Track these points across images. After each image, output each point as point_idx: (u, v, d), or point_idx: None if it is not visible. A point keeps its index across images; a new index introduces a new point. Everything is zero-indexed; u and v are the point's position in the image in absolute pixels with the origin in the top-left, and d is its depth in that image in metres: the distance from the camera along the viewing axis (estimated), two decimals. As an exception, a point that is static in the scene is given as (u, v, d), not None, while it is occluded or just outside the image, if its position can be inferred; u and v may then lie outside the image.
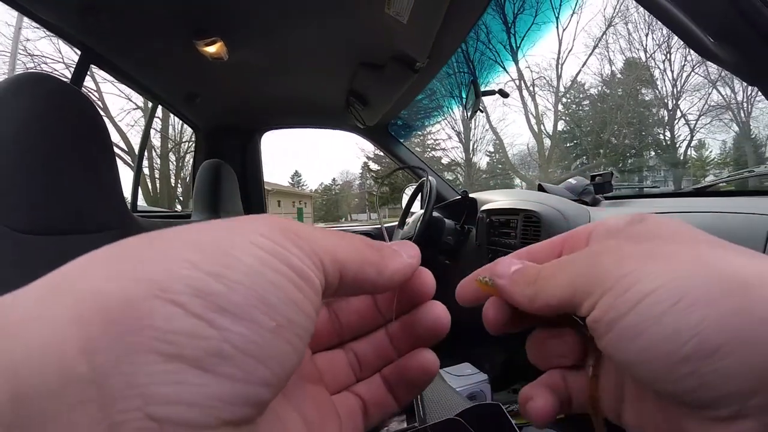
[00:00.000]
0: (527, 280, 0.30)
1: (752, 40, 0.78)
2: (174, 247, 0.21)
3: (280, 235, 0.23)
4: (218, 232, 0.22)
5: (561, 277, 0.28)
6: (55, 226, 0.88)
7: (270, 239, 0.22)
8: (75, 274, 0.20)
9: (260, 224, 0.23)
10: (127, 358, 0.17)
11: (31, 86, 0.86)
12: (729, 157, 18.28)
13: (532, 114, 20.68)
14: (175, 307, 0.18)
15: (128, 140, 13.87)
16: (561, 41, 19.37)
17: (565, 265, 0.28)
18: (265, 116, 2.98)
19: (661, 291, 0.22)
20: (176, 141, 17.05)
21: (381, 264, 0.28)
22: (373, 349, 0.33)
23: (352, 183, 28.75)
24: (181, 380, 0.18)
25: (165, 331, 0.18)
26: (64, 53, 11.38)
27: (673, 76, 18.08)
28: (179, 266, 0.20)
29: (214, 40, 1.75)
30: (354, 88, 2.35)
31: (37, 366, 0.16)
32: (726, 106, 17.26)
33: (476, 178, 22.08)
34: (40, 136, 0.85)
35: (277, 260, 0.22)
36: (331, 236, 0.26)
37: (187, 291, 0.19)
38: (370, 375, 0.33)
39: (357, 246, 0.27)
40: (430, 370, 0.32)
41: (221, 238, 0.22)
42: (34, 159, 0.84)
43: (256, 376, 0.20)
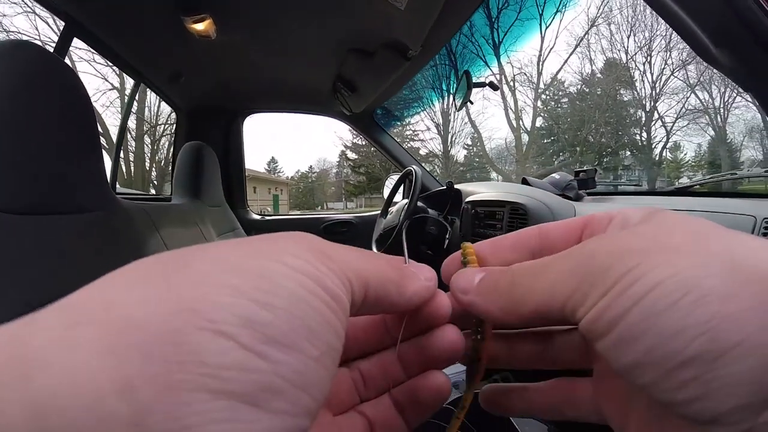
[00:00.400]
0: (501, 289, 0.27)
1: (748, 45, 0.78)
2: (211, 271, 0.19)
3: (312, 256, 0.22)
4: (251, 253, 0.21)
5: (547, 280, 0.25)
6: (36, 205, 0.85)
7: (304, 260, 0.22)
8: (102, 298, 0.18)
9: (292, 244, 0.23)
10: (173, 397, 0.16)
11: (13, 54, 0.82)
12: (703, 160, 18.65)
13: (512, 109, 20.81)
14: (225, 339, 0.17)
15: (103, 121, 13.64)
16: (543, 38, 19.49)
17: (552, 266, 0.26)
18: (250, 99, 2.94)
19: (667, 283, 0.20)
20: (152, 123, 16.84)
21: (401, 284, 0.27)
22: (380, 369, 0.32)
23: (329, 171, 28.66)
24: (232, 418, 0.17)
25: (215, 366, 0.17)
26: (41, 30, 11.13)
27: (652, 79, 18.34)
28: (223, 293, 0.18)
29: (203, 17, 1.71)
30: (342, 74, 2.32)
31: (67, 404, 0.15)
32: (703, 111, 17.60)
33: (453, 170, 22.17)
34: (21, 109, 0.81)
35: (314, 283, 0.21)
36: (357, 255, 0.26)
37: (235, 321, 0.18)
38: (374, 395, 0.32)
39: (380, 265, 0.27)
40: (444, 392, 0.31)
41: (257, 261, 0.21)
42: (13, 132, 0.80)
43: (301, 407, 0.19)
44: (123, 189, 4.08)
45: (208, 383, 0.16)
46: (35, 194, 0.85)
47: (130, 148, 16.09)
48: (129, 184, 15.91)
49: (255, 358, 0.17)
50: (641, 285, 0.21)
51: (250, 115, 3.11)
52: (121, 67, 2.17)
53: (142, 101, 15.29)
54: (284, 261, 0.21)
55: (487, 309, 0.27)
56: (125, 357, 0.15)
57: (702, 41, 0.84)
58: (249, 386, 0.17)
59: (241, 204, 3.06)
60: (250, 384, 0.17)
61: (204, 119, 2.85)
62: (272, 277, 0.20)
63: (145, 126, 16.62)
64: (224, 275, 0.19)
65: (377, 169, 23.05)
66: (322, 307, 0.21)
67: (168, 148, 16.26)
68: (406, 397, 0.31)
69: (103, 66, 13.62)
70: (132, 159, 16.32)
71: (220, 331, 0.17)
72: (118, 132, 2.92)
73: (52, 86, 0.88)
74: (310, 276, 0.21)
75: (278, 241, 0.23)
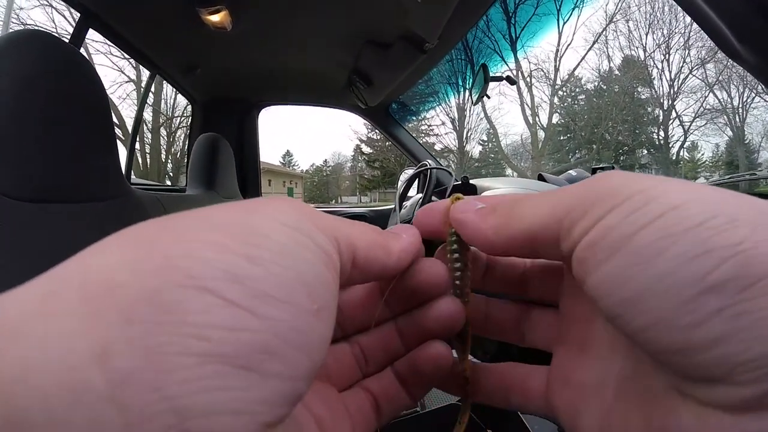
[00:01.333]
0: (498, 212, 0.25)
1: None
2: (195, 228, 0.18)
3: (302, 216, 0.21)
4: (239, 212, 0.20)
5: (547, 201, 0.23)
6: (50, 193, 0.85)
7: (294, 218, 0.21)
8: (83, 265, 0.16)
9: (280, 204, 0.21)
10: (153, 364, 0.14)
11: (29, 43, 0.82)
12: (721, 161, 18.54)
13: (528, 105, 20.75)
14: (210, 295, 0.16)
15: (119, 113, 13.78)
16: (561, 34, 19.39)
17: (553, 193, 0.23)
18: (265, 91, 2.93)
19: (692, 204, 0.18)
20: (168, 115, 16.97)
21: (387, 245, 0.26)
22: (380, 343, 0.31)
23: (344, 165, 28.81)
24: (222, 385, 0.15)
25: (200, 325, 0.15)
26: (58, 23, 11.26)
27: (670, 77, 18.29)
28: (207, 249, 0.17)
29: (218, 8, 1.70)
30: (358, 67, 2.31)
31: (38, 380, 0.13)
32: (721, 110, 17.48)
33: (468, 166, 22.15)
34: (36, 97, 0.81)
35: (306, 238, 0.20)
36: (342, 221, 0.25)
37: (221, 276, 0.16)
38: (376, 370, 0.31)
39: (365, 229, 0.26)
40: (444, 360, 0.29)
41: (245, 218, 0.19)
42: (29, 121, 0.80)
43: (299, 369, 0.18)
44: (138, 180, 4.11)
45: (193, 345, 0.15)
46: (49, 183, 0.85)
47: (146, 140, 16.26)
48: (145, 175, 16.11)
49: (246, 315, 0.16)
50: (660, 203, 0.18)
51: (265, 107, 3.11)
52: (136, 59, 2.18)
53: (158, 94, 15.47)
54: (273, 216, 0.20)
55: (479, 228, 0.26)
56: (102, 321, 0.14)
57: (725, 37, 0.82)
58: (240, 347, 0.16)
59: (255, 196, 3.01)
60: (241, 344, 0.16)
61: (219, 111, 2.85)
62: (261, 231, 0.19)
63: (161, 118, 16.78)
64: (209, 232, 0.18)
65: (392, 164, 23.13)
66: (316, 261, 0.20)
67: (183, 141, 16.44)
68: (407, 369, 0.30)
69: (120, 59, 13.78)
70: (148, 151, 16.49)
71: (204, 287, 0.16)
72: (133, 123, 2.93)
73: (67, 76, 0.88)
74: (302, 231, 0.20)
75: (270, 203, 0.21)
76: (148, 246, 0.17)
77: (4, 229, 0.74)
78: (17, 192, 0.78)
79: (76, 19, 1.71)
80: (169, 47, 2.13)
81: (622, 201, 0.19)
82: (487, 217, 0.26)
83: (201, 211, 0.20)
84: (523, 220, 0.24)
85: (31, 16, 11.54)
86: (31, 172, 0.81)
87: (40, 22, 11.49)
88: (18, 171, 0.78)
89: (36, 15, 11.65)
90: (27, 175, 0.80)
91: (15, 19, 10.75)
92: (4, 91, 0.77)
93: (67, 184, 0.89)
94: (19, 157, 0.78)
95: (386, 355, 0.31)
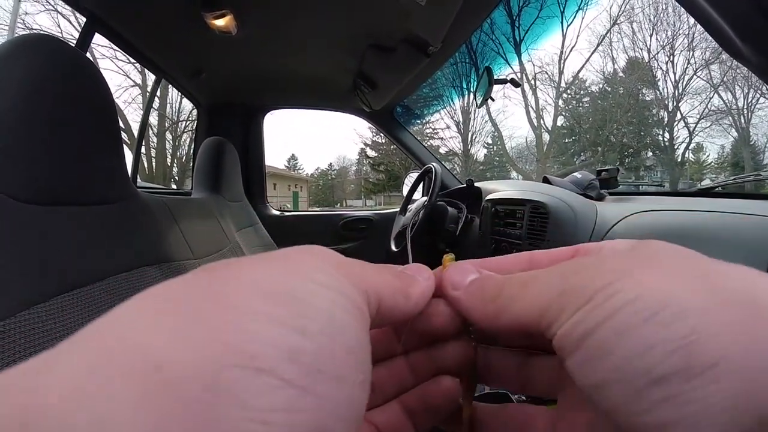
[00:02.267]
0: (487, 295, 0.26)
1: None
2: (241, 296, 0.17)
3: (337, 272, 0.21)
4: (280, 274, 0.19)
5: (530, 292, 0.24)
6: (56, 196, 0.85)
7: (330, 275, 0.20)
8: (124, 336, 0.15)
9: (316, 261, 0.21)
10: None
11: (35, 47, 0.83)
12: (726, 162, 18.47)
13: (532, 108, 20.73)
14: (269, 376, 0.15)
15: (125, 117, 13.82)
16: (565, 36, 19.37)
17: (535, 279, 0.25)
18: (270, 95, 2.94)
19: (645, 298, 0.19)
20: (173, 120, 17.03)
21: (407, 292, 0.26)
22: (389, 376, 0.31)
23: (349, 169, 28.84)
24: None
25: (261, 409, 0.15)
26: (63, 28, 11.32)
27: (675, 78, 18.25)
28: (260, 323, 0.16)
29: (223, 12, 1.71)
30: (362, 70, 2.31)
31: None
32: (726, 112, 17.42)
33: (473, 169, 22.13)
34: (43, 101, 0.81)
35: (345, 299, 0.20)
36: (368, 268, 0.25)
37: (277, 354, 0.16)
38: (382, 401, 0.31)
39: (388, 277, 0.26)
40: (454, 395, 0.30)
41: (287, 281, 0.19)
42: (36, 124, 0.81)
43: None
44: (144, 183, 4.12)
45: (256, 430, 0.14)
46: (55, 185, 0.85)
47: (152, 144, 16.31)
48: (150, 179, 16.14)
49: (302, 395, 0.16)
50: (617, 300, 0.19)
51: (270, 111, 3.13)
52: (142, 63, 2.19)
53: (164, 98, 15.51)
54: (313, 278, 0.19)
55: (469, 311, 0.27)
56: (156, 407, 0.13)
57: (728, 36, 0.82)
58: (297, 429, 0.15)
59: (260, 200, 3.07)
60: (299, 426, 0.15)
61: (224, 115, 2.87)
62: (306, 299, 0.18)
63: (166, 122, 16.82)
64: (257, 301, 0.17)
65: (397, 167, 23.14)
66: (357, 325, 0.20)
67: (189, 145, 16.48)
68: (416, 402, 0.30)
69: (125, 63, 13.82)
70: (153, 155, 16.53)
71: (262, 368, 0.15)
72: (139, 126, 2.95)
73: (73, 79, 0.88)
74: (340, 291, 0.20)
75: (304, 257, 0.21)
76: (195, 318, 0.16)
77: (10, 231, 0.74)
78: (23, 194, 0.78)
79: (82, 24, 1.72)
80: (175, 51, 2.14)
81: (588, 299, 0.20)
82: (476, 299, 0.27)
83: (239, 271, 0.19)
84: (506, 312, 0.25)
85: (37, 20, 11.63)
86: (37, 174, 0.81)
87: (45, 26, 11.56)
88: (24, 173, 0.79)
89: (42, 20, 11.72)
90: (33, 177, 0.80)
91: (21, 24, 10.81)
92: (11, 94, 0.77)
93: (73, 186, 0.89)
94: (25, 159, 0.79)
95: (394, 387, 0.31)
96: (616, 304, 0.19)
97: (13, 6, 10.40)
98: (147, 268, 1.08)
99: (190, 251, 1.43)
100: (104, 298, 0.88)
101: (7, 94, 0.77)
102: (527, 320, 0.23)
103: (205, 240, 1.65)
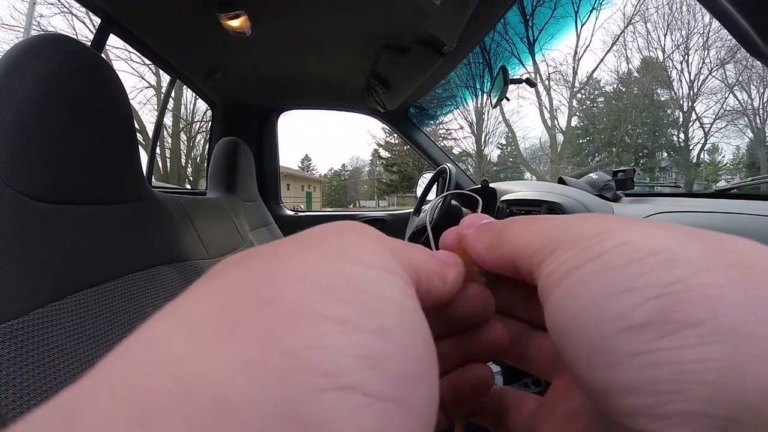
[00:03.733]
0: (492, 231, 0.26)
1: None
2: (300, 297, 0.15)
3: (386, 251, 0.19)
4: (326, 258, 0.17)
5: (529, 230, 0.23)
6: (71, 195, 0.86)
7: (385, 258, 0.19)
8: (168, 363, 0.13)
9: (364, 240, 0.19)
10: None
11: (50, 47, 0.83)
12: (742, 163, 18.31)
13: (546, 108, 20.65)
14: (354, 393, 0.13)
15: (140, 119, 13.94)
16: (579, 36, 19.27)
17: (536, 220, 0.24)
18: (284, 95, 2.95)
19: (636, 242, 0.17)
20: (188, 120, 17.14)
21: (443, 273, 0.25)
22: None
23: (362, 169, 28.87)
24: None
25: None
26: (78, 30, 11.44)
27: (690, 78, 18.11)
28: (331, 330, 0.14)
29: (238, 13, 1.71)
30: (376, 71, 2.31)
31: None
32: (742, 112, 17.27)
33: (487, 169, 22.07)
34: (57, 100, 0.82)
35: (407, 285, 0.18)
36: (410, 247, 0.23)
37: (358, 366, 0.14)
38: None
39: (426, 257, 0.24)
40: (488, 382, 0.28)
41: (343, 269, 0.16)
42: (50, 122, 0.81)
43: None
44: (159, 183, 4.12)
45: None
46: (69, 184, 0.85)
47: (167, 145, 16.44)
48: (165, 179, 16.25)
49: (393, 408, 0.14)
50: (607, 242, 0.18)
51: (284, 111, 3.13)
52: (156, 63, 2.21)
53: (179, 99, 15.64)
54: (370, 262, 0.17)
55: (475, 244, 0.26)
56: None
57: (748, 34, 0.81)
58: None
59: (274, 200, 3.08)
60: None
61: (239, 116, 2.88)
62: (372, 289, 0.16)
63: (181, 123, 16.95)
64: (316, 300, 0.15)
65: (410, 168, 23.15)
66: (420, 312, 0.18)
67: (203, 145, 16.60)
68: (447, 390, 0.28)
69: (140, 65, 13.93)
70: (168, 155, 16.66)
71: (345, 386, 0.13)
72: (154, 127, 2.96)
73: (89, 79, 0.89)
74: (401, 276, 0.18)
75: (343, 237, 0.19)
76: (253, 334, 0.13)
77: (25, 229, 0.75)
78: (38, 192, 0.78)
79: (97, 25, 1.73)
80: (189, 52, 2.15)
81: (583, 241, 0.19)
82: (483, 234, 0.26)
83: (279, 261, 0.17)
84: (506, 244, 0.24)
85: (51, 23, 11.73)
86: (52, 173, 0.82)
87: (61, 29, 11.68)
88: (39, 172, 0.79)
89: (57, 22, 11.82)
90: (48, 176, 0.81)
91: (36, 27, 10.93)
92: (27, 95, 0.77)
93: (88, 185, 0.90)
94: (40, 159, 0.79)
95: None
96: (606, 246, 0.18)
97: (28, 9, 10.51)
98: (161, 267, 1.09)
99: (204, 251, 1.44)
100: (118, 297, 0.88)
101: (23, 94, 0.77)
102: (521, 256, 0.22)
103: (220, 239, 1.66)
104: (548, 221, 0.23)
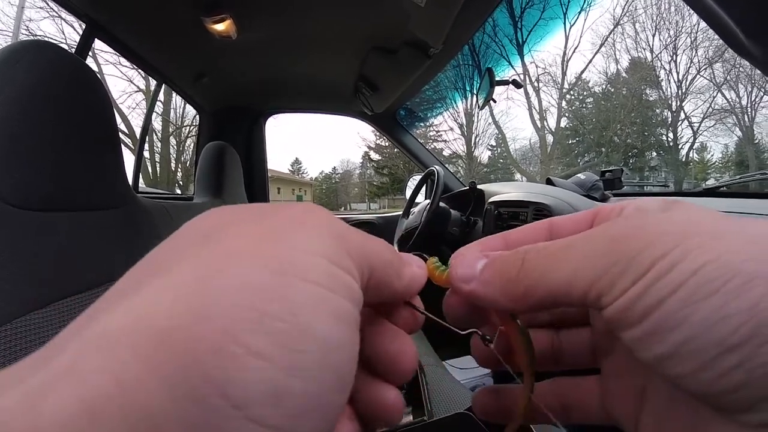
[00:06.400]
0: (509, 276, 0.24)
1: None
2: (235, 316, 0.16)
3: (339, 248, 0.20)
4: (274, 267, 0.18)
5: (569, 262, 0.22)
6: (54, 202, 0.85)
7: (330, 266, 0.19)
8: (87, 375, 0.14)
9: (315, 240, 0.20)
10: None
11: (32, 53, 0.82)
12: (731, 161, 18.46)
13: (536, 109, 20.74)
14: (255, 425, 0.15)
15: (129, 123, 13.89)
16: (567, 38, 19.38)
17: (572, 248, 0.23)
18: (272, 99, 2.94)
19: (708, 268, 0.18)
20: (177, 125, 17.09)
21: (399, 268, 0.25)
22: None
23: (353, 172, 28.88)
24: None
25: None
26: (67, 34, 11.40)
27: (678, 78, 18.24)
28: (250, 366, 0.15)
29: (223, 17, 1.71)
30: (364, 73, 2.31)
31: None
32: (730, 110, 17.41)
33: (477, 171, 22.14)
34: (40, 106, 0.81)
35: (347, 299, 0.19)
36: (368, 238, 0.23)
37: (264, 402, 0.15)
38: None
39: (384, 249, 0.24)
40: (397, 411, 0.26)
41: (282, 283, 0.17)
42: (33, 130, 0.80)
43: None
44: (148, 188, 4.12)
45: None
46: (53, 191, 0.84)
47: (156, 149, 16.38)
48: (155, 184, 16.20)
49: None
50: (680, 271, 0.19)
51: (272, 115, 3.13)
52: (143, 68, 2.19)
53: (167, 103, 15.59)
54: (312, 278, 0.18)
55: (494, 298, 0.25)
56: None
57: (732, 31, 0.81)
58: None
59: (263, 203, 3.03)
60: None
61: (226, 120, 2.87)
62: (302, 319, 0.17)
63: (170, 128, 16.89)
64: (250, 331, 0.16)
65: (400, 171, 23.18)
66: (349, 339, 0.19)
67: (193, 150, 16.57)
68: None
69: (129, 68, 13.90)
70: (158, 160, 16.60)
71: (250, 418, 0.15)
72: (140, 131, 2.95)
73: (72, 85, 0.88)
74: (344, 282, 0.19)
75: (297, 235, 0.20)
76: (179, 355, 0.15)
77: (7, 238, 0.74)
78: (21, 200, 0.78)
79: (82, 30, 1.72)
80: (176, 56, 2.14)
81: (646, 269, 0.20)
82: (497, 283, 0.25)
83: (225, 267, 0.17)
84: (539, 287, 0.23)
85: (41, 27, 11.71)
86: (35, 180, 0.81)
87: (49, 33, 11.63)
88: (21, 179, 0.78)
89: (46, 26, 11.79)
90: (30, 183, 0.80)
91: (24, 31, 10.87)
92: (9, 100, 0.77)
93: (72, 192, 0.89)
94: (22, 166, 0.78)
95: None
96: (680, 277, 0.19)
97: (16, 13, 10.45)
98: (147, 273, 1.07)
99: (190, 256, 1.42)
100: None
101: (4, 100, 0.77)
102: (565, 294, 0.22)
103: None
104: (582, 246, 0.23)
